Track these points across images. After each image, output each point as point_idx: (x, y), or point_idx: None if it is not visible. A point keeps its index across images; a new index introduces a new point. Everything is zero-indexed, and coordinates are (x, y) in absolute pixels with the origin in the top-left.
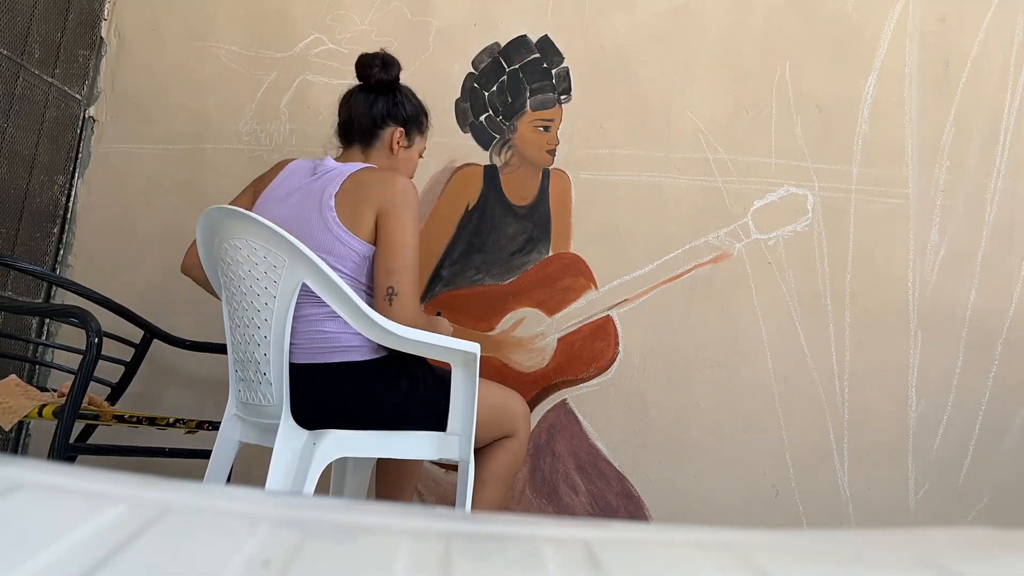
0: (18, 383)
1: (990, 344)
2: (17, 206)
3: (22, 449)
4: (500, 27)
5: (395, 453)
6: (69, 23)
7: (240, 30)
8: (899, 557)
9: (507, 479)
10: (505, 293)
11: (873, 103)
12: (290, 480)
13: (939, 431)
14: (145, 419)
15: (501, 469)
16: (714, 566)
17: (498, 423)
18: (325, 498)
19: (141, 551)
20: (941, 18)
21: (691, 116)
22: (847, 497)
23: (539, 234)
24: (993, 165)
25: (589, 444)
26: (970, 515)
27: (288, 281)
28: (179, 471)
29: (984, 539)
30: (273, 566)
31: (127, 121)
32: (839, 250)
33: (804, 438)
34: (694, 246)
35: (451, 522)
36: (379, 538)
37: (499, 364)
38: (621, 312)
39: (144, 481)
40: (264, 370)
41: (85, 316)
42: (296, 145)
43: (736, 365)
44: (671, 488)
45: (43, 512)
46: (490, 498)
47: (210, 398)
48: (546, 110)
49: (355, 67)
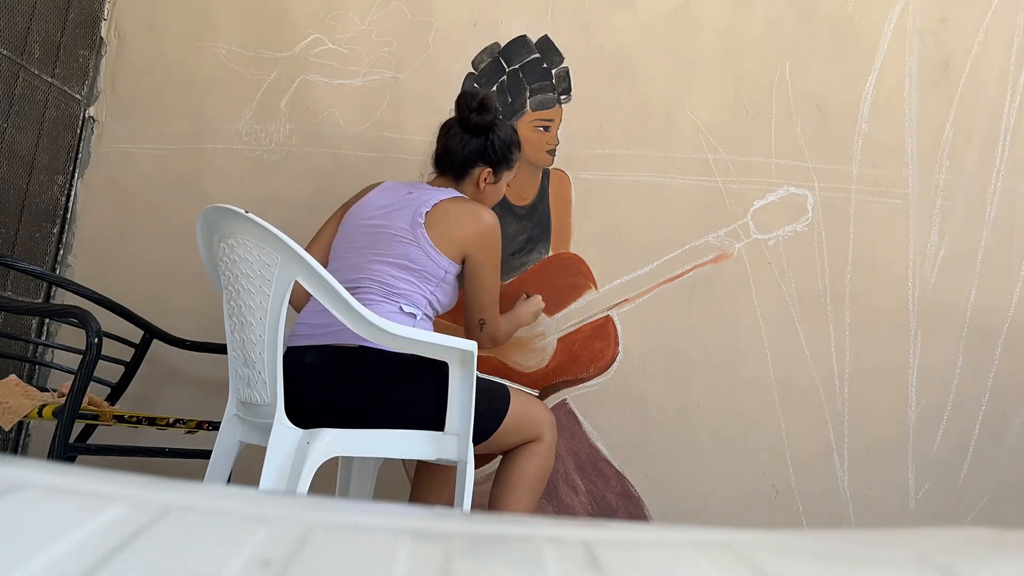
0: (18, 383)
1: (990, 344)
2: (17, 206)
3: (22, 449)
4: (500, 27)
5: (391, 453)
6: (69, 23)
7: (240, 30)
8: (899, 557)
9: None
10: (505, 293)
11: (873, 103)
12: (284, 480)
13: (939, 431)
14: (145, 419)
15: (532, 471)
16: (714, 566)
17: (522, 428)
18: (325, 498)
19: (141, 551)
20: (941, 18)
21: (691, 116)
22: (847, 497)
23: (539, 234)
24: (993, 165)
25: (589, 444)
26: (970, 515)
27: (281, 279)
28: (179, 471)
29: (984, 539)
30: (273, 566)
31: (127, 121)
32: (839, 250)
33: (804, 438)
34: (694, 246)
35: (451, 522)
36: (379, 538)
37: (499, 364)
38: (621, 312)
39: (144, 481)
40: (259, 369)
41: (85, 316)
42: (296, 145)
43: (736, 365)
44: (671, 488)
45: (43, 512)
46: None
47: (210, 398)
48: (546, 110)
49: (455, 104)
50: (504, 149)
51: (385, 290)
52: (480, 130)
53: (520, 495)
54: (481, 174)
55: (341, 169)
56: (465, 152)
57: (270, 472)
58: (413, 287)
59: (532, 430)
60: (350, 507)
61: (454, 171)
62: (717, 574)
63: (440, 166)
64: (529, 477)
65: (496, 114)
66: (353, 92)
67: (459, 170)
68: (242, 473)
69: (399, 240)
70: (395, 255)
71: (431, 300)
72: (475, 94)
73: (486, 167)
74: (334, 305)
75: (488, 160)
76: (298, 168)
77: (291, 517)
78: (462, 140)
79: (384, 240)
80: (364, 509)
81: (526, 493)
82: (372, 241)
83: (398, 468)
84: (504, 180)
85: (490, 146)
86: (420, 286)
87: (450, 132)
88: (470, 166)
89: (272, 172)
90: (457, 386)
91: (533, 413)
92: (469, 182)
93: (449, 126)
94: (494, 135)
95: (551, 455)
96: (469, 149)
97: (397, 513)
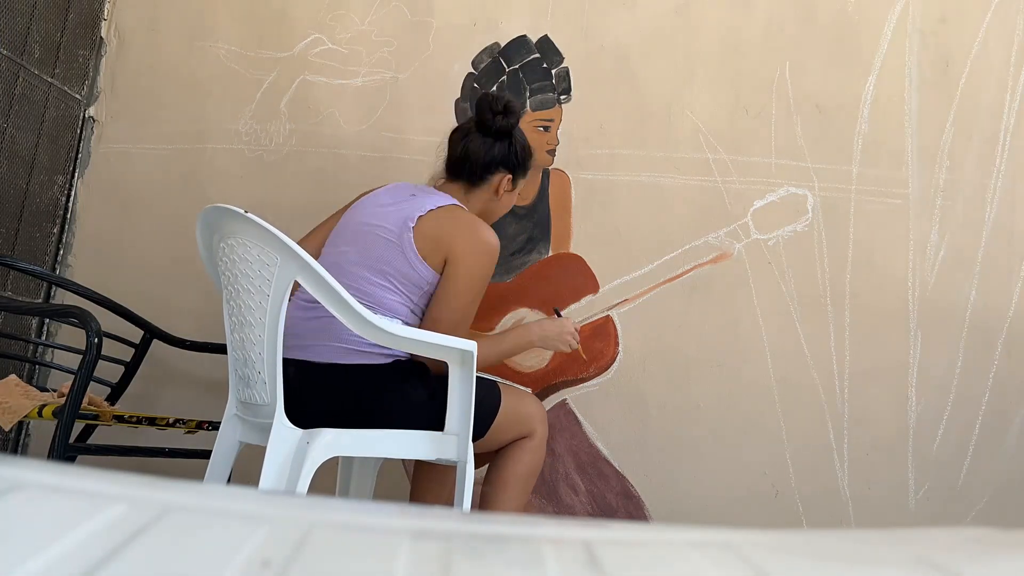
0: (18, 383)
1: (990, 344)
2: (17, 206)
3: (22, 449)
4: (500, 27)
5: (390, 453)
6: (69, 23)
7: (240, 30)
8: (899, 557)
9: (529, 479)
10: (505, 293)
11: (873, 103)
12: (283, 480)
13: (939, 431)
14: (145, 419)
15: (523, 469)
16: (714, 566)
17: (513, 425)
18: (325, 498)
19: (141, 551)
20: (941, 18)
21: (691, 116)
22: (847, 497)
23: (539, 234)
24: (993, 165)
25: (589, 444)
26: (970, 515)
27: (280, 279)
28: (179, 471)
29: (984, 539)
30: (273, 566)
31: (127, 121)
32: (839, 250)
33: (804, 438)
34: (694, 246)
35: (451, 522)
36: (379, 538)
37: (499, 364)
38: (621, 312)
39: (144, 481)
40: (259, 368)
41: (85, 316)
42: (296, 145)
43: (736, 365)
44: (671, 488)
45: (43, 512)
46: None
47: (210, 398)
48: (546, 110)
49: (475, 108)
50: (524, 155)
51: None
52: (503, 134)
53: (512, 493)
54: (502, 180)
55: (341, 169)
56: (488, 157)
57: (270, 472)
58: (393, 296)
59: (525, 425)
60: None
61: (472, 177)
62: (717, 574)
63: (456, 171)
64: (520, 475)
65: (519, 118)
66: (353, 92)
67: (478, 176)
68: (242, 473)
69: (384, 242)
70: (375, 258)
71: (414, 310)
72: (499, 97)
73: (507, 173)
74: (334, 306)
75: (510, 166)
76: (298, 168)
77: (291, 517)
78: (484, 144)
79: (369, 241)
80: (364, 509)
81: (517, 492)
82: (357, 241)
83: (398, 468)
84: (519, 188)
85: (513, 151)
86: (402, 295)
87: (469, 136)
88: (491, 172)
89: (272, 172)
90: (457, 386)
91: (525, 408)
92: (486, 188)
93: (467, 130)
94: (515, 140)
95: (542, 450)
96: (492, 154)
97: (397, 513)
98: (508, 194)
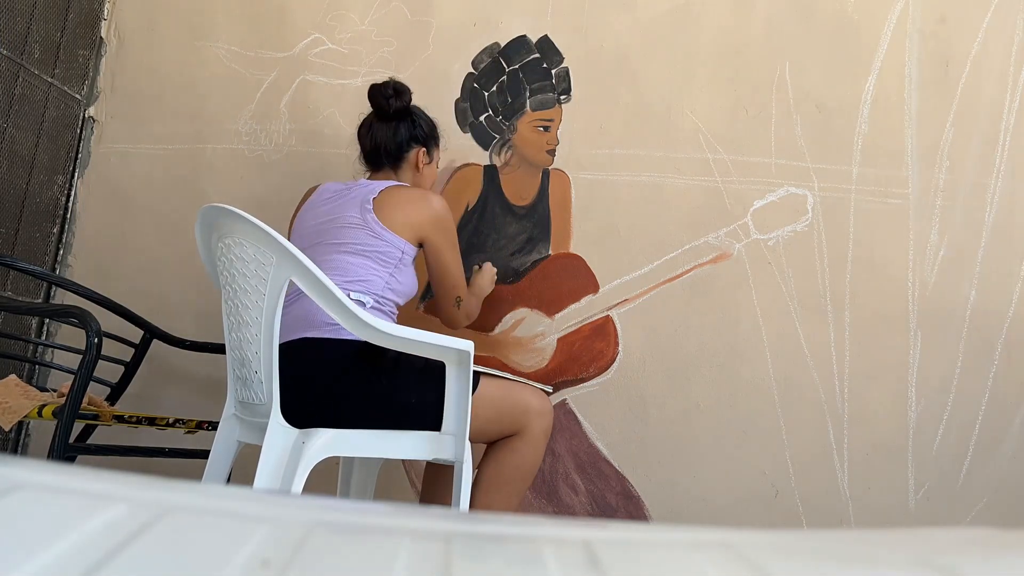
0: (18, 383)
1: (990, 344)
2: (17, 206)
3: (22, 449)
4: (500, 27)
5: (387, 453)
6: (69, 23)
7: (240, 30)
8: (899, 557)
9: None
10: (505, 293)
11: (873, 103)
12: (278, 479)
13: (939, 431)
14: (145, 419)
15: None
16: (714, 566)
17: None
18: (325, 498)
19: (141, 551)
20: (941, 18)
21: (691, 116)
22: (847, 497)
23: (539, 234)
24: (993, 165)
25: (589, 444)
26: (970, 515)
27: (276, 279)
28: (179, 471)
29: (984, 539)
30: (273, 566)
31: (127, 121)
32: (839, 250)
33: (804, 438)
34: (694, 246)
35: (451, 522)
36: (379, 538)
37: (499, 364)
38: (621, 312)
39: (144, 481)
40: (256, 368)
41: (85, 316)
42: (296, 145)
43: (736, 365)
44: (671, 488)
45: (43, 512)
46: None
47: (210, 398)
48: (546, 110)
49: (368, 98)
50: (429, 125)
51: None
52: (402, 114)
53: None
54: (417, 155)
55: (341, 169)
56: (397, 139)
57: (264, 471)
58: (370, 272)
59: (516, 420)
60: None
61: (390, 160)
62: (717, 574)
63: (375, 161)
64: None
65: (411, 95)
66: (353, 92)
67: (395, 158)
68: (241, 473)
69: (351, 227)
70: (348, 241)
71: (389, 283)
72: (386, 83)
73: (420, 147)
74: (328, 305)
75: (419, 140)
76: (298, 168)
77: (291, 517)
78: (388, 129)
79: (336, 231)
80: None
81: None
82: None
83: (398, 468)
84: (436, 158)
85: (418, 126)
86: (378, 269)
87: (373, 127)
88: (404, 150)
89: (272, 172)
90: (453, 386)
91: (515, 400)
92: (407, 167)
93: (369, 122)
94: (415, 116)
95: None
96: (400, 135)
97: (397, 513)
98: (428, 167)
